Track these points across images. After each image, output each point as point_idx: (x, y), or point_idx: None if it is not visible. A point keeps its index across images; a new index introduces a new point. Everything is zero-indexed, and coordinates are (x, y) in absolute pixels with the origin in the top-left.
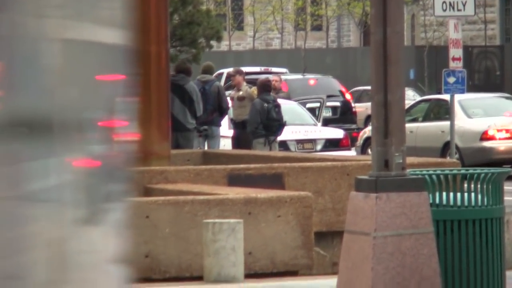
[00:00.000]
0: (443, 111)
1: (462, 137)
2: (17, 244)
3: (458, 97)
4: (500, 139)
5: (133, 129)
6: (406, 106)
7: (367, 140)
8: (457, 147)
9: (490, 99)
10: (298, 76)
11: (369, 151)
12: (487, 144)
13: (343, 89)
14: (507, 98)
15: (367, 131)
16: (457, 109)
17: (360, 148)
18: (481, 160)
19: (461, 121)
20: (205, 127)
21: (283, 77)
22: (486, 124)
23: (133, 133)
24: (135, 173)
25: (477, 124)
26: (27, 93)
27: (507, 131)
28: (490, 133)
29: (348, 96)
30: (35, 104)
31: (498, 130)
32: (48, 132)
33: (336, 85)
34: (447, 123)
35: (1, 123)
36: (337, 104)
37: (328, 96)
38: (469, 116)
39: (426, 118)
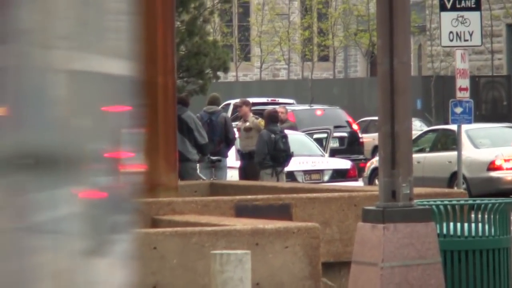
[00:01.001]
0: (450, 141)
1: (469, 167)
2: (24, 275)
3: (465, 127)
4: (507, 169)
5: (139, 160)
6: (413, 137)
7: (374, 170)
8: (464, 177)
9: (497, 129)
10: (305, 107)
11: (377, 181)
12: (494, 174)
13: (350, 120)
14: None
15: (374, 161)
16: (464, 139)
17: (367, 179)
18: (489, 190)
19: (468, 151)
20: (219, 158)
21: (290, 107)
22: (493, 154)
23: (139, 164)
24: (142, 204)
25: (484, 154)
26: (34, 124)
27: None
28: (497, 163)
29: (355, 127)
30: (41, 136)
31: (506, 160)
32: (54, 164)
33: (343, 115)
34: (454, 153)
35: (7, 155)
36: (344, 134)
37: (335, 127)
38: (476, 146)
39: (433, 149)
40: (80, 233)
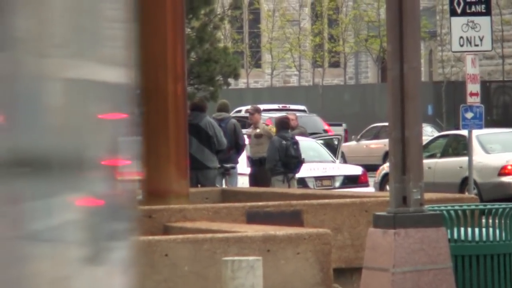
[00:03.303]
0: (461, 146)
1: (480, 172)
2: (21, 284)
3: (475, 132)
4: None
5: (136, 168)
6: (424, 142)
7: (385, 176)
8: (475, 183)
9: (507, 134)
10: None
11: (387, 187)
12: (505, 179)
13: (327, 127)
14: None
15: (385, 167)
16: (475, 144)
17: (378, 185)
18: (500, 195)
19: (479, 157)
20: (233, 165)
21: (267, 115)
22: (504, 159)
23: (136, 172)
24: (153, 211)
25: (495, 159)
26: (29, 132)
27: None
28: (509, 168)
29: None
30: (37, 143)
31: None
32: (51, 171)
33: (319, 123)
34: (465, 159)
35: (3, 163)
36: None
37: (311, 134)
38: (487, 152)
39: (444, 154)
40: (78, 241)
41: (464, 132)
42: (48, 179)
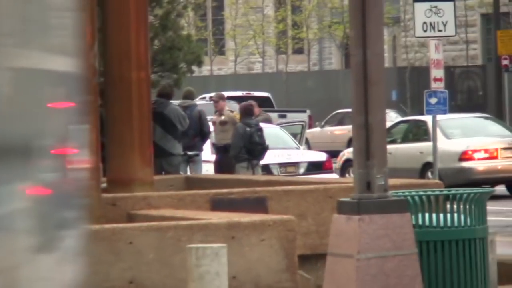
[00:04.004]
0: (421, 132)
1: (441, 158)
2: None
3: (436, 117)
4: (478, 159)
5: (85, 156)
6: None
7: (346, 162)
8: None
9: (468, 119)
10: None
11: (350, 173)
12: (466, 164)
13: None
14: (485, 118)
15: (346, 153)
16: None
17: (339, 171)
18: (461, 180)
19: (440, 142)
20: (196, 152)
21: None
22: (464, 145)
23: (86, 160)
24: (117, 199)
25: (456, 145)
26: None
27: (485, 151)
28: (469, 153)
29: None
30: None
31: (477, 151)
32: (0, 160)
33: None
34: (425, 144)
35: None
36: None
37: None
38: (447, 137)
39: (405, 140)
40: (27, 229)
41: (425, 118)
42: None
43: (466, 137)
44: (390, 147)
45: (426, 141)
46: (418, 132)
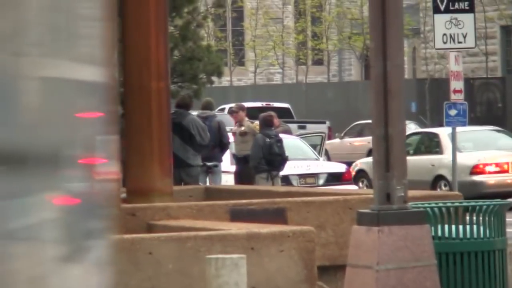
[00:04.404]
0: (433, 144)
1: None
2: None
3: (447, 130)
4: (490, 172)
5: (113, 166)
6: None
7: (359, 173)
8: (447, 181)
9: (479, 132)
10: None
11: (362, 183)
12: (477, 178)
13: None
14: (497, 131)
15: (359, 163)
16: (447, 142)
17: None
18: (472, 194)
19: (451, 155)
20: (215, 163)
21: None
22: (476, 158)
23: (113, 171)
24: (137, 209)
25: (467, 158)
26: (4, 130)
27: (497, 165)
28: (480, 167)
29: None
30: (13, 142)
31: (488, 164)
32: (27, 170)
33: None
34: (437, 157)
35: None
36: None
37: None
38: (459, 150)
39: (416, 152)
40: (54, 239)
41: (437, 130)
42: (25, 178)
43: (477, 150)
44: None
45: (438, 153)
46: (430, 145)
